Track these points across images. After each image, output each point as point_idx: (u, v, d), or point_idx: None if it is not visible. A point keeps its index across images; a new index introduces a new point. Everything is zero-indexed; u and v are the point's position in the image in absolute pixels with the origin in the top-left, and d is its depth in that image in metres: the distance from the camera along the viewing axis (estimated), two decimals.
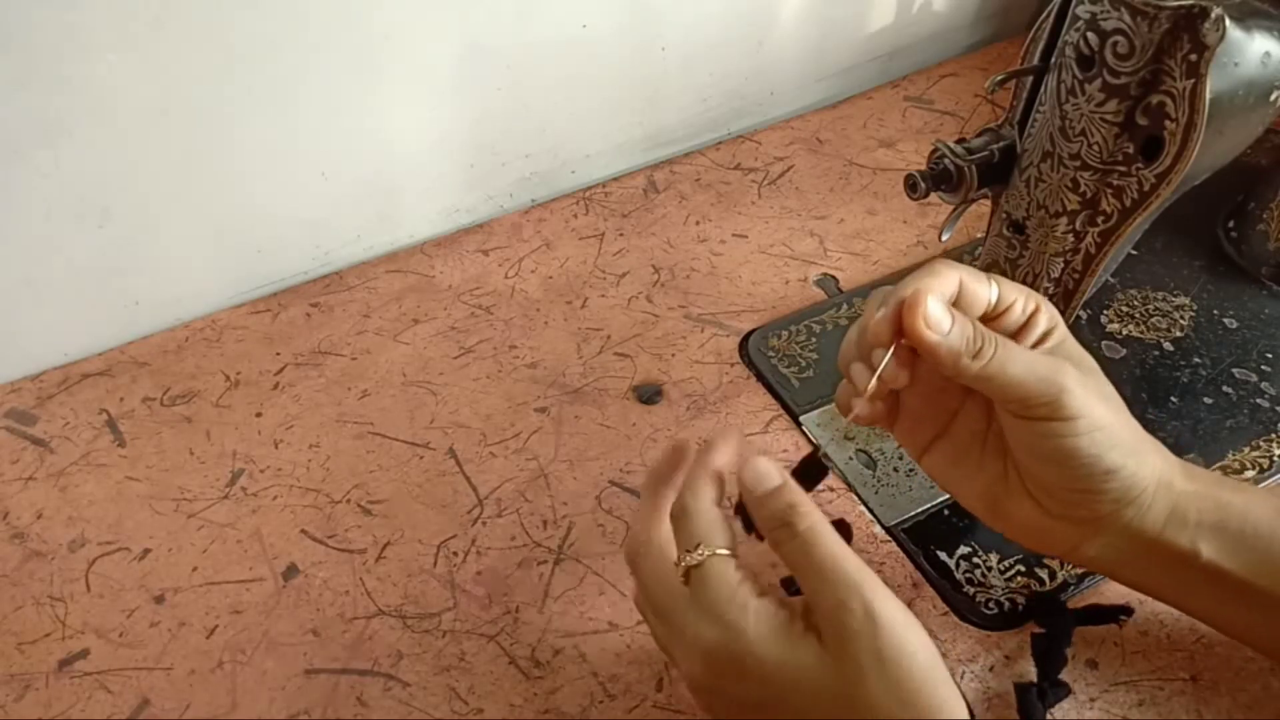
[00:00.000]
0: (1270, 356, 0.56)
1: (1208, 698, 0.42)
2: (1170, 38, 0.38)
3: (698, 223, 0.68)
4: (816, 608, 0.32)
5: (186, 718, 0.44)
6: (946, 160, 0.46)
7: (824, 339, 0.58)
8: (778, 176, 0.71)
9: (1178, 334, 0.57)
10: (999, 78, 0.42)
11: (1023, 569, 0.47)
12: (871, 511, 0.50)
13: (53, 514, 0.52)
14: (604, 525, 0.50)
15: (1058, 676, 0.43)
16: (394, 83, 0.60)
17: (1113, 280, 0.60)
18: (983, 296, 0.36)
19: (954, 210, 0.48)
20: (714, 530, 0.34)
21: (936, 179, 0.47)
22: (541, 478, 0.53)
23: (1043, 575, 0.46)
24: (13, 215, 0.53)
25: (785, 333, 0.59)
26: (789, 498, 0.33)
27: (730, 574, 0.34)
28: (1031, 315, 0.37)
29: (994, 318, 0.36)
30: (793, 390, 0.56)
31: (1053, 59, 0.42)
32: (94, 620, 0.47)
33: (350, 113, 0.60)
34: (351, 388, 0.58)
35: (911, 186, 0.47)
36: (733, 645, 0.33)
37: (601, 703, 0.43)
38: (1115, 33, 0.39)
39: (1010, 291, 0.36)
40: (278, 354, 0.60)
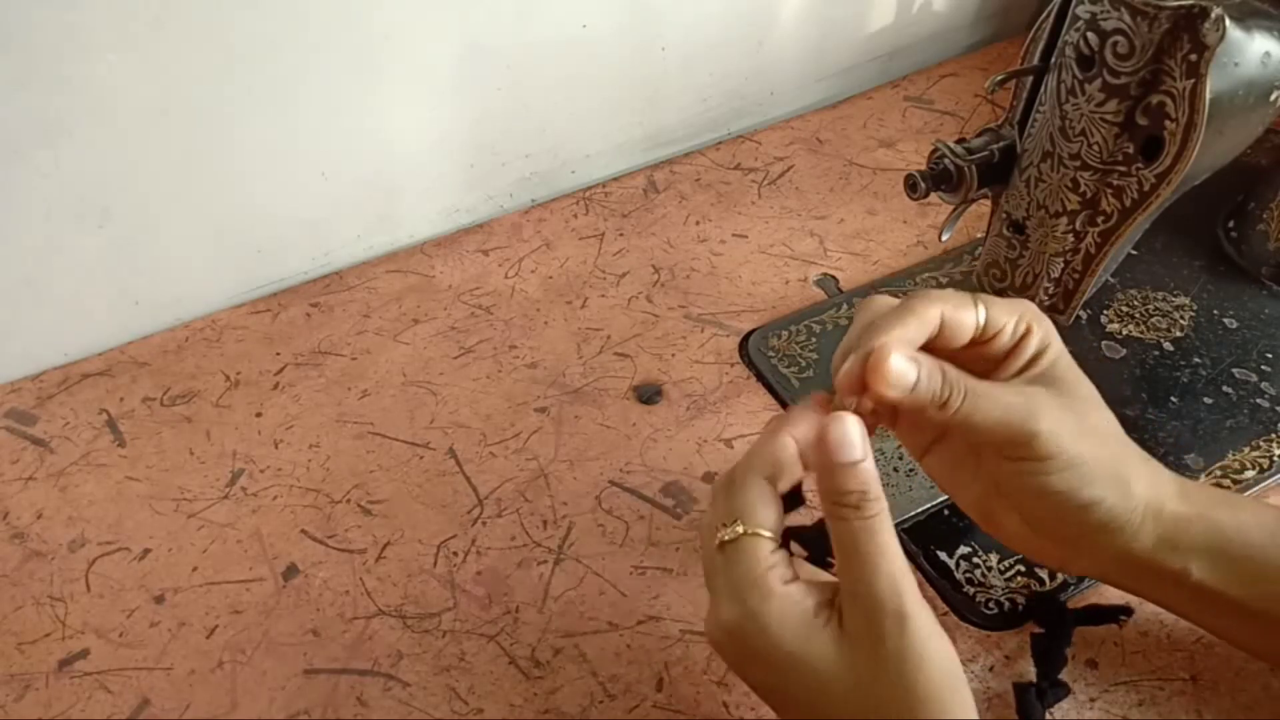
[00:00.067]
0: (1270, 356, 0.56)
1: (1208, 698, 0.42)
2: (1170, 38, 0.38)
3: (698, 223, 0.68)
4: (851, 595, 0.32)
5: (186, 718, 0.44)
6: (946, 160, 0.46)
7: (824, 339, 0.58)
8: (778, 176, 0.71)
9: (1178, 334, 0.57)
10: (999, 78, 0.43)
11: (1023, 569, 0.47)
12: None
13: (53, 514, 0.52)
14: (604, 525, 0.50)
15: (1057, 676, 0.43)
16: (394, 83, 0.60)
17: (1113, 280, 0.60)
18: (967, 325, 0.35)
19: (954, 210, 0.48)
20: (754, 508, 0.34)
21: (936, 179, 0.47)
22: (541, 478, 0.53)
23: (1043, 575, 0.46)
24: (13, 215, 0.53)
25: (785, 333, 0.59)
26: (865, 479, 0.32)
27: (760, 557, 0.33)
28: (1022, 338, 0.36)
29: (983, 342, 0.36)
30: (793, 390, 0.56)
31: (1053, 59, 0.42)
32: (94, 620, 0.47)
33: (350, 113, 0.60)
34: (351, 388, 0.58)
35: (911, 186, 0.47)
36: (750, 630, 0.33)
37: (601, 703, 0.43)
38: (1115, 33, 0.39)
39: (999, 314, 0.35)
40: (278, 354, 0.60)
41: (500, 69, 0.63)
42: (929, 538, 0.48)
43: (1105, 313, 0.59)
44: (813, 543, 0.40)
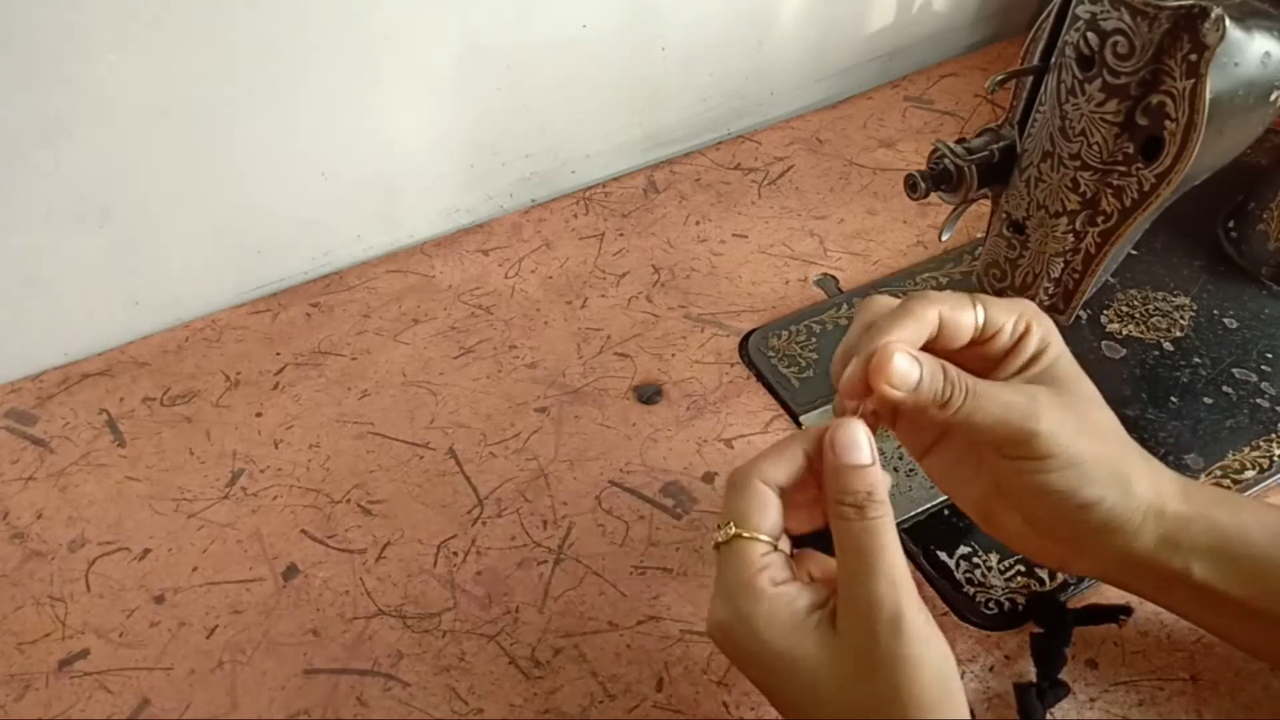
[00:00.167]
0: (1270, 356, 0.56)
1: (1208, 698, 0.42)
2: (1170, 38, 0.38)
3: (698, 223, 0.68)
4: (848, 595, 0.32)
5: (186, 718, 0.44)
6: (946, 160, 0.46)
7: (824, 339, 0.58)
8: (778, 176, 0.71)
9: (1178, 334, 0.57)
10: (999, 78, 0.43)
11: (1023, 569, 0.47)
12: None
13: (53, 514, 0.52)
14: (604, 525, 0.50)
15: (1058, 676, 0.43)
16: (394, 83, 0.60)
17: (1113, 280, 0.60)
18: (965, 326, 0.35)
19: (954, 210, 0.48)
20: (748, 510, 0.34)
21: (936, 179, 0.47)
22: (541, 478, 0.53)
23: (1043, 575, 0.46)
24: (13, 215, 0.53)
25: (785, 333, 0.59)
26: (871, 482, 0.33)
27: (750, 559, 0.33)
28: (1021, 337, 0.36)
29: (982, 342, 0.36)
30: (793, 390, 0.56)
31: (1053, 59, 0.42)
32: (94, 620, 0.47)
33: (350, 113, 0.60)
34: (351, 388, 0.58)
35: (911, 186, 0.47)
36: (739, 630, 0.33)
37: (601, 703, 0.43)
38: (1115, 33, 0.39)
39: (998, 314, 0.35)
40: (278, 354, 0.60)
41: (500, 69, 0.63)
42: (929, 538, 0.48)
43: (1105, 313, 0.59)
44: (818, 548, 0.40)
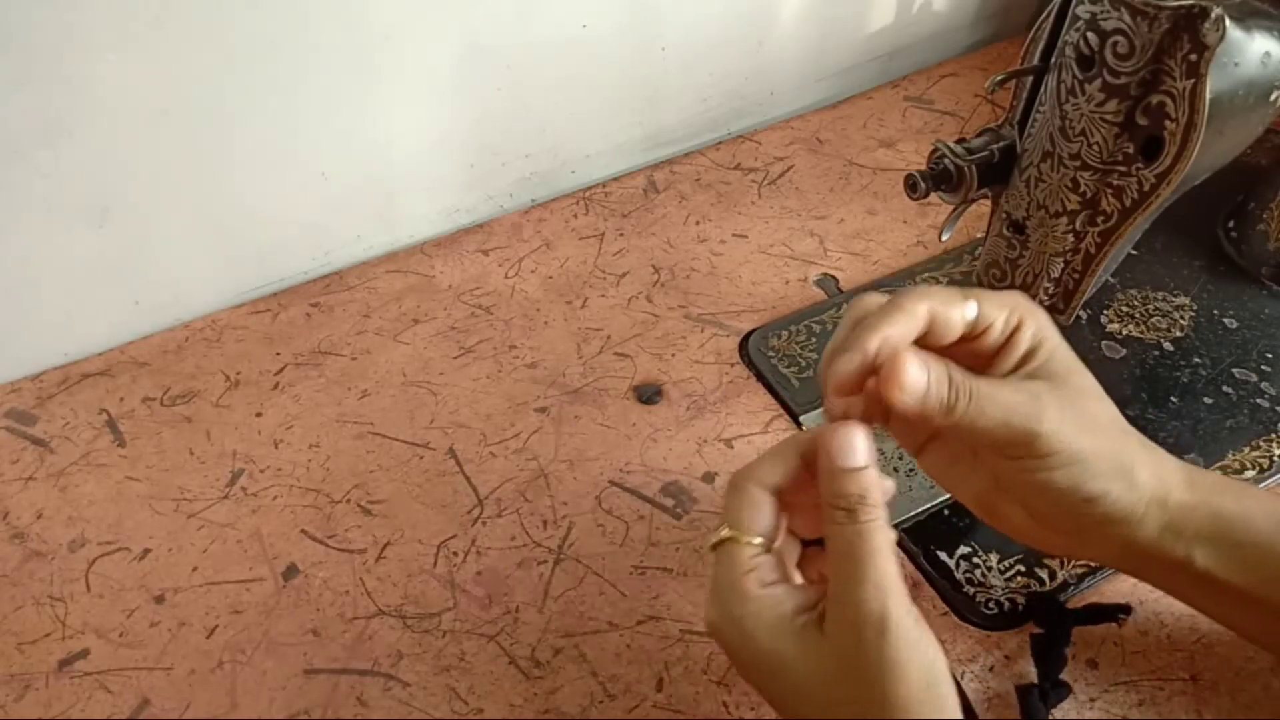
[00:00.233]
0: (1270, 356, 0.56)
1: (1208, 698, 0.42)
2: (1170, 38, 0.38)
3: (698, 223, 0.68)
4: (837, 597, 0.32)
5: (186, 718, 0.44)
6: (946, 160, 0.46)
7: (824, 339, 0.58)
8: (778, 176, 0.71)
9: (1178, 334, 0.57)
10: (999, 78, 0.43)
11: (1023, 569, 0.47)
12: None
13: (53, 514, 0.52)
14: (604, 525, 0.50)
15: (1059, 677, 0.43)
16: (394, 83, 0.60)
17: (1113, 280, 0.60)
18: (955, 322, 0.34)
19: (954, 210, 0.48)
20: (740, 513, 0.34)
21: (936, 179, 0.47)
22: (541, 478, 0.53)
23: (1043, 575, 0.46)
24: (13, 215, 0.53)
25: (785, 333, 0.59)
26: (864, 485, 0.33)
27: (739, 562, 0.33)
28: (1014, 331, 0.35)
29: (974, 338, 0.35)
30: (793, 390, 0.56)
31: (1053, 59, 0.42)
32: (94, 620, 0.47)
33: (350, 113, 0.60)
34: (351, 388, 0.58)
35: (911, 186, 0.47)
36: (728, 631, 0.33)
37: (601, 703, 0.43)
38: (1115, 33, 0.39)
39: (990, 309, 0.35)
40: (278, 354, 0.60)
41: (500, 69, 0.63)
42: (929, 538, 0.48)
43: (1105, 313, 0.59)
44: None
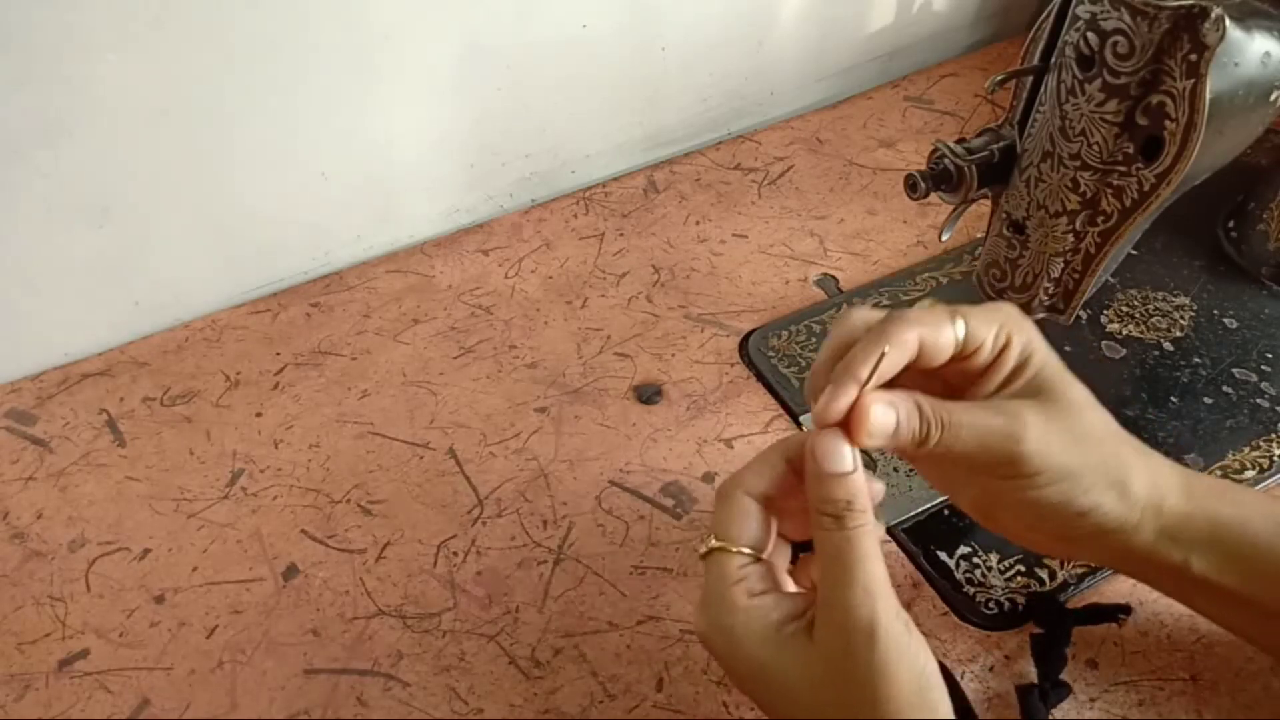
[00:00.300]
0: (1270, 356, 0.56)
1: (1208, 698, 0.42)
2: (1170, 38, 0.38)
3: (698, 223, 0.68)
4: (825, 604, 0.32)
5: (186, 718, 0.44)
6: (946, 160, 0.46)
7: (823, 339, 0.58)
8: (778, 176, 0.71)
9: (1178, 334, 0.57)
10: (999, 78, 0.42)
11: (1023, 569, 0.47)
12: None
13: (53, 514, 0.52)
14: (604, 525, 0.50)
15: (1059, 677, 0.43)
16: (394, 83, 0.60)
17: (1113, 280, 0.60)
18: (944, 346, 0.34)
19: (954, 210, 0.48)
20: (729, 522, 0.34)
21: (936, 179, 0.47)
22: (541, 478, 0.53)
23: (1043, 575, 0.46)
24: (13, 215, 0.53)
25: (785, 333, 0.59)
26: (851, 491, 0.33)
27: (726, 571, 0.34)
28: (1003, 349, 0.35)
29: (963, 358, 0.35)
30: (793, 390, 0.56)
31: (1053, 59, 0.42)
32: (94, 620, 0.47)
33: (350, 113, 0.60)
34: (351, 388, 0.58)
35: (911, 186, 0.47)
36: (716, 640, 0.34)
37: (601, 703, 0.43)
38: (1115, 33, 0.39)
39: (979, 328, 0.34)
40: (278, 354, 0.60)
41: (500, 69, 0.63)
42: (929, 538, 0.48)
43: (1105, 313, 0.59)
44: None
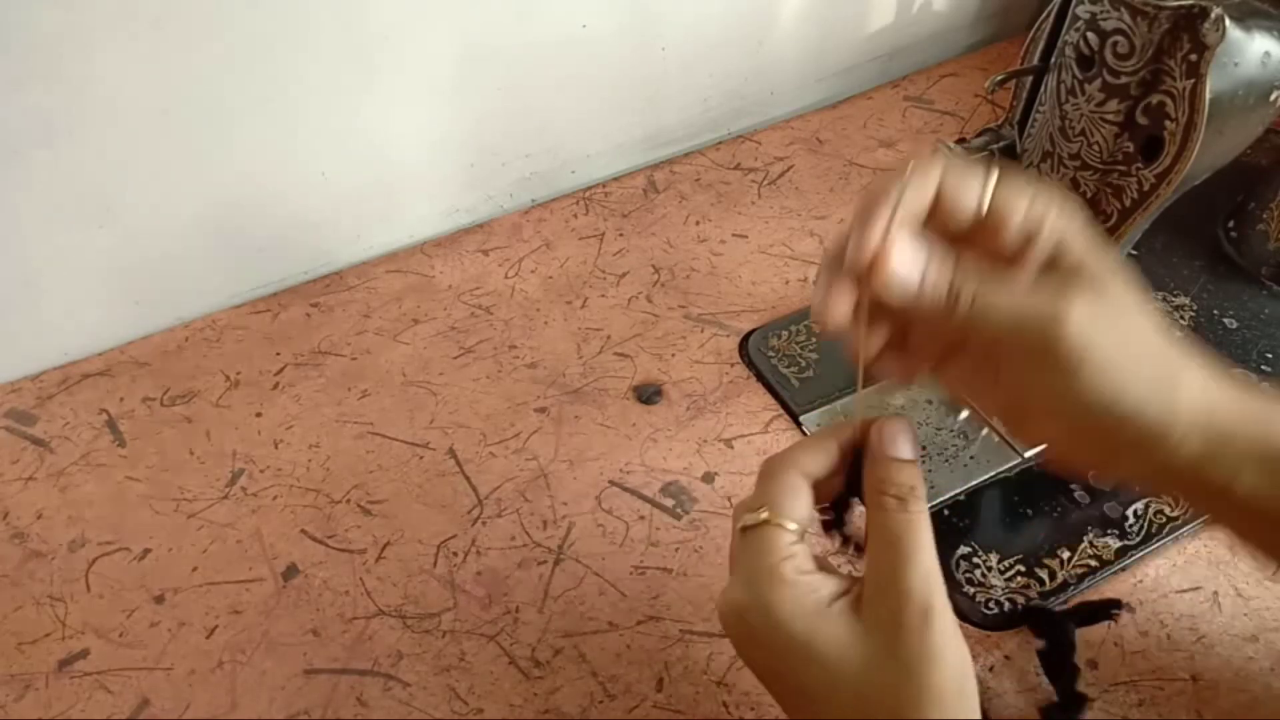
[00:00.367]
0: (1270, 356, 0.56)
1: (1208, 698, 0.42)
2: (1170, 38, 0.38)
3: (698, 223, 0.68)
4: (879, 585, 0.32)
5: (186, 718, 0.44)
6: None
7: (824, 339, 0.58)
8: (778, 176, 0.71)
9: (1178, 334, 0.57)
10: (999, 78, 0.42)
11: (1023, 569, 0.47)
12: None
13: (53, 514, 0.52)
14: (604, 525, 0.50)
15: (1074, 688, 0.42)
16: (394, 83, 0.60)
17: None
18: (966, 205, 0.30)
19: None
20: (782, 498, 0.34)
21: None
22: (541, 478, 0.53)
23: (1043, 575, 0.46)
24: (13, 215, 0.53)
25: (785, 333, 0.59)
26: (914, 478, 0.33)
27: (777, 547, 0.33)
28: (1033, 236, 0.30)
29: (989, 233, 0.30)
30: (793, 390, 0.56)
31: (1053, 59, 0.42)
32: (94, 620, 0.47)
33: (350, 113, 0.60)
34: (351, 388, 0.58)
35: None
36: (755, 616, 0.32)
37: (601, 703, 0.43)
38: (1115, 33, 0.39)
39: (1010, 197, 0.30)
40: (278, 354, 0.60)
41: (500, 69, 0.63)
42: None
43: None
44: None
